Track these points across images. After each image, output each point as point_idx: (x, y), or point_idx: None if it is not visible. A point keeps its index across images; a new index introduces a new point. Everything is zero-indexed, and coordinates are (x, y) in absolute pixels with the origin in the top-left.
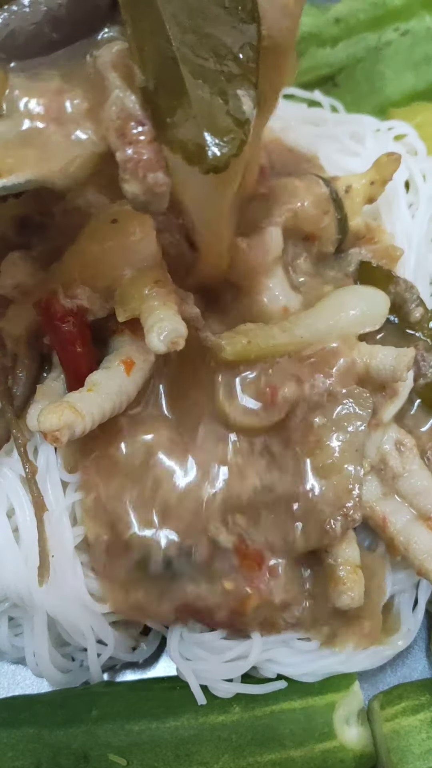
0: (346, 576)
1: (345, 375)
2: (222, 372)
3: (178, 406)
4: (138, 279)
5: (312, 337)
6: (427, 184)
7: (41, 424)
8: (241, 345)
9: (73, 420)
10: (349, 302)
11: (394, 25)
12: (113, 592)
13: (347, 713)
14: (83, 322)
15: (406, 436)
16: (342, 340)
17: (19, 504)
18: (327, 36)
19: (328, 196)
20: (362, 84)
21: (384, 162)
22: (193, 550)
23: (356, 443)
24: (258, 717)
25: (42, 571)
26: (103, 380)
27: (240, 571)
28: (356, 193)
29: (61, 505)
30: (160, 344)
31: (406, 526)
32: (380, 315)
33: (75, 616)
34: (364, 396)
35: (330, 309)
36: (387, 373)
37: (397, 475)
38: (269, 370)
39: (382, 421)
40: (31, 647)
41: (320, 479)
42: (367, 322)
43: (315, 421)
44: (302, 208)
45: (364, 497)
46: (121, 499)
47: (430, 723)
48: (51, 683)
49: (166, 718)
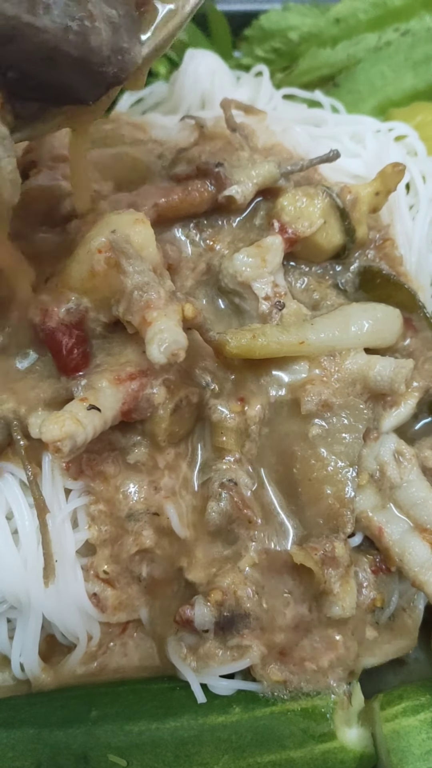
0: (338, 586)
1: (343, 385)
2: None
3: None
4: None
5: (319, 342)
6: (427, 186)
7: (43, 435)
8: (246, 339)
9: (75, 430)
10: (360, 316)
11: (394, 25)
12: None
13: (347, 714)
14: (79, 336)
15: (406, 446)
16: (346, 351)
17: (18, 507)
18: (327, 36)
19: (334, 205)
20: (362, 84)
21: (389, 173)
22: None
23: (351, 454)
24: (258, 717)
25: (47, 573)
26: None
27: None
28: (362, 203)
29: (64, 511)
30: (161, 356)
31: (402, 537)
32: (392, 333)
33: (72, 619)
34: (359, 407)
35: (342, 319)
36: (385, 384)
37: (394, 485)
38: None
39: (381, 431)
40: (19, 647)
41: (314, 489)
42: (377, 340)
43: (311, 432)
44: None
45: (361, 507)
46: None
47: (430, 723)
48: (33, 684)
49: (166, 719)
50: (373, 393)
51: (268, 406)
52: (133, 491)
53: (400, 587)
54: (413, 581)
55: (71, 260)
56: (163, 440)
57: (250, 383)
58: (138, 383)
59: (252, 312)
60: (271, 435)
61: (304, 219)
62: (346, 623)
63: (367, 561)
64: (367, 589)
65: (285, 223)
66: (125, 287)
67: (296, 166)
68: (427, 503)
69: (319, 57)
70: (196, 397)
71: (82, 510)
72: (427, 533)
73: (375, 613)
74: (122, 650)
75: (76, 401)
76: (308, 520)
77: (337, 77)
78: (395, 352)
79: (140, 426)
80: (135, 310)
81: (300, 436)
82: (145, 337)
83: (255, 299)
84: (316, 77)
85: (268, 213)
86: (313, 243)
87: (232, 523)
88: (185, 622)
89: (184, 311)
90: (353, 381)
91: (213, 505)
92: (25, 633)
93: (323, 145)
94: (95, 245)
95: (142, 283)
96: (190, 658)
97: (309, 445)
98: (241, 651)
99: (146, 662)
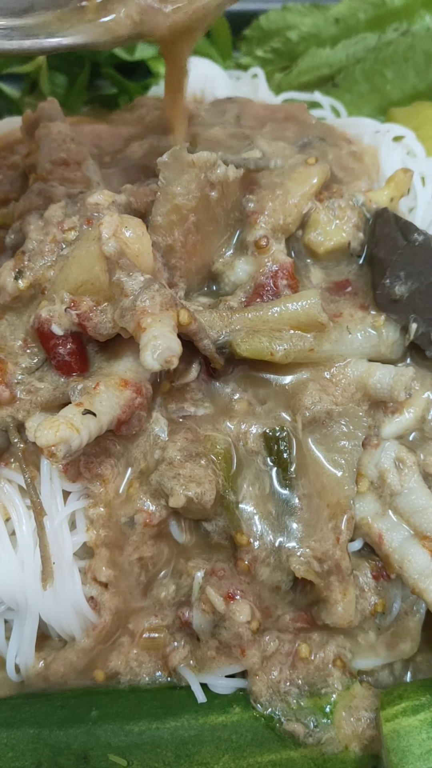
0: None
1: (343, 392)
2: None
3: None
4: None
5: (333, 351)
6: (426, 188)
7: (38, 439)
8: (259, 341)
9: (69, 435)
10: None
11: (394, 25)
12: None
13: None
14: (76, 347)
15: (407, 453)
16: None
17: (15, 510)
18: (327, 36)
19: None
20: (362, 84)
21: (401, 178)
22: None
23: (350, 462)
24: (258, 717)
25: (45, 575)
26: (103, 394)
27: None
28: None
29: (62, 514)
30: (154, 362)
31: (402, 544)
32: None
33: (69, 621)
34: (358, 415)
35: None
36: (384, 391)
37: (395, 492)
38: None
39: (381, 437)
40: (15, 648)
41: (313, 497)
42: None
43: (310, 439)
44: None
45: (361, 514)
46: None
47: (430, 723)
48: (27, 684)
49: (166, 718)
50: (373, 400)
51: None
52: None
53: (402, 592)
54: (413, 589)
55: (70, 262)
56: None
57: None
58: (140, 401)
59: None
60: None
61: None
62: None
63: (368, 566)
64: (368, 594)
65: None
66: (120, 293)
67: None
68: (427, 511)
69: (318, 57)
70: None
71: (81, 513)
72: (427, 541)
73: (376, 617)
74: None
75: (71, 406)
76: (308, 527)
77: (336, 77)
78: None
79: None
80: (130, 316)
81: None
82: (140, 343)
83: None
84: (315, 77)
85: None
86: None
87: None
88: (184, 624)
89: (179, 317)
90: (353, 388)
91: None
92: (22, 634)
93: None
94: (93, 248)
95: (137, 290)
96: (189, 658)
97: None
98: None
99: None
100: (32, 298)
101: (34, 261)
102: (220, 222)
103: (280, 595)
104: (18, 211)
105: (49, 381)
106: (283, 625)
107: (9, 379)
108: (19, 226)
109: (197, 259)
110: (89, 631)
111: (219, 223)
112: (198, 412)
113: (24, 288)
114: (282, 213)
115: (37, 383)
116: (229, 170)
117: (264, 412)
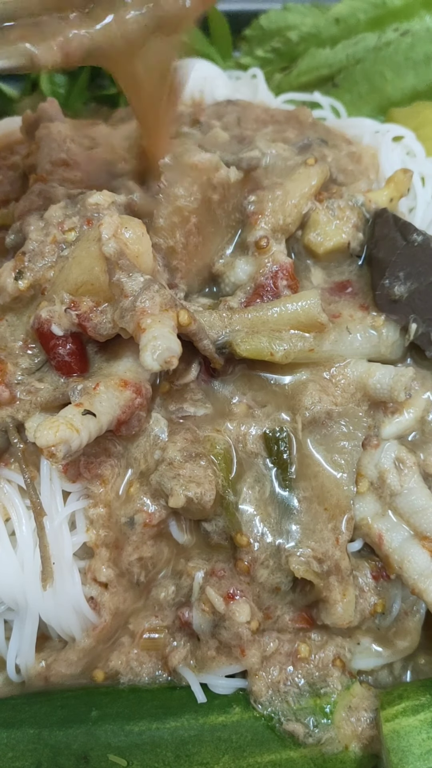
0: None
1: (343, 393)
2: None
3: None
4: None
5: (333, 351)
6: (426, 188)
7: (37, 440)
8: (259, 341)
9: (69, 436)
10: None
11: (394, 25)
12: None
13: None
14: (76, 347)
15: (407, 453)
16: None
17: (15, 510)
18: (326, 36)
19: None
20: (362, 84)
21: (401, 178)
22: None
23: (350, 462)
24: (258, 717)
25: (45, 576)
26: (103, 395)
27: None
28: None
29: (62, 514)
30: (154, 363)
31: (402, 544)
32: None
33: (69, 622)
34: (358, 416)
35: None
36: (384, 392)
37: (394, 492)
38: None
39: (381, 438)
40: (15, 649)
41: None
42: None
43: (310, 440)
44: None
45: (361, 514)
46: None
47: (430, 723)
48: (28, 684)
49: (166, 719)
50: (373, 401)
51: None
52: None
53: (402, 592)
54: (413, 589)
55: (70, 262)
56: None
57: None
58: (140, 401)
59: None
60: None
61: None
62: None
63: (368, 566)
64: (368, 594)
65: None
66: (120, 294)
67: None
68: (427, 511)
69: (318, 57)
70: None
71: (81, 513)
72: (427, 541)
73: (376, 617)
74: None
75: (71, 406)
76: (307, 527)
77: (336, 77)
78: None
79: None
80: (129, 317)
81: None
82: (139, 343)
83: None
84: (315, 77)
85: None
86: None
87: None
88: (184, 624)
89: (179, 318)
90: (353, 389)
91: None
92: (22, 634)
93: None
94: (93, 249)
95: (137, 290)
96: (189, 658)
97: (308, 453)
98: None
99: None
100: (32, 299)
101: (34, 262)
102: (221, 223)
103: (279, 595)
104: (18, 212)
105: (49, 381)
106: (282, 626)
107: (9, 379)
108: (19, 227)
109: (198, 261)
110: (89, 631)
111: (220, 225)
112: (198, 413)
113: (24, 289)
114: (282, 213)
115: (37, 384)
116: (231, 172)
117: (264, 412)
